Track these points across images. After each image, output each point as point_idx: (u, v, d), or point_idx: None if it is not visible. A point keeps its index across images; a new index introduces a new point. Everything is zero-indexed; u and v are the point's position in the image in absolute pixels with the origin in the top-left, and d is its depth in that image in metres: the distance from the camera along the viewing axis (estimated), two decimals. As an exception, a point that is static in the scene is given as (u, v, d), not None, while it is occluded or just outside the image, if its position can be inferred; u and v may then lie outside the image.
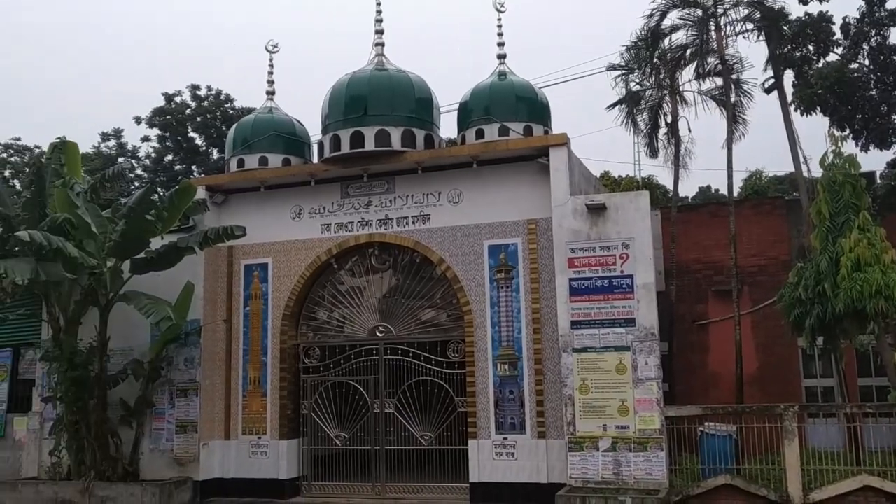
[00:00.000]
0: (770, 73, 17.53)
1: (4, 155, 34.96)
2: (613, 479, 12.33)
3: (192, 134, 33.41)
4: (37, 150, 33.63)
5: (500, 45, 15.80)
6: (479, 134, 14.87)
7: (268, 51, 17.20)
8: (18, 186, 28.82)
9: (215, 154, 32.72)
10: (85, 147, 30.82)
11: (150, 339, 15.25)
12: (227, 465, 15.32)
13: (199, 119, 33.18)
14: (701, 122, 25.94)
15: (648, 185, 25.00)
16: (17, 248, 13.86)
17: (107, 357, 14.87)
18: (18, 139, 35.84)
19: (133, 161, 33.26)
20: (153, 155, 33.68)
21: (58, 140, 16.64)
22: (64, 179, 14.48)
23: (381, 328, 15.23)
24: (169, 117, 32.89)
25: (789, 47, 17.28)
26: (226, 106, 33.42)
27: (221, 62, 65.16)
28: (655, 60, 18.44)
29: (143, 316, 13.95)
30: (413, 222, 14.94)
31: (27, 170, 31.89)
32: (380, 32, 15.89)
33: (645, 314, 12.70)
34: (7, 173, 32.38)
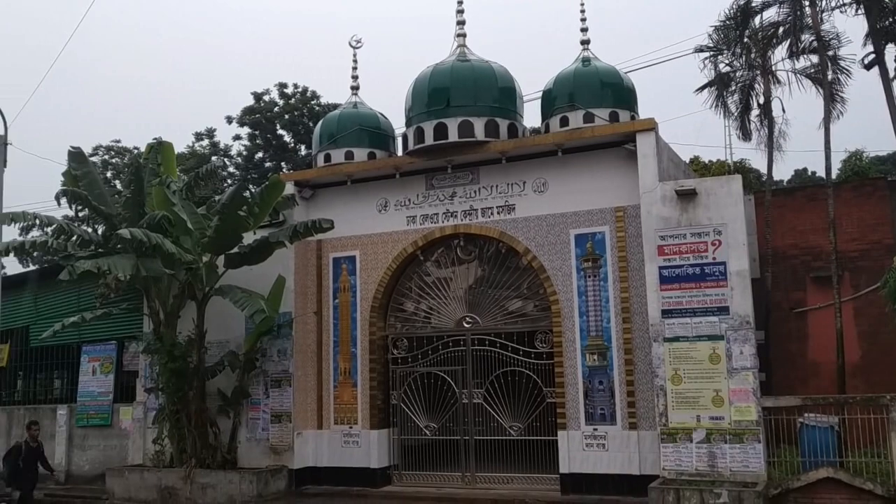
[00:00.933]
0: (870, 47, 16.68)
1: (106, 157, 36.58)
2: (708, 472, 12.03)
3: (280, 131, 34.21)
4: (135, 151, 35.06)
5: (584, 30, 15.59)
6: (564, 122, 14.70)
7: (351, 46, 17.43)
8: (119, 186, 30.09)
9: (303, 150, 33.41)
10: (180, 147, 32.00)
11: (245, 332, 15.72)
12: (320, 454, 15.67)
13: (286, 116, 33.92)
14: (796, 102, 24.93)
15: (740, 169, 24.18)
16: (119, 246, 14.45)
17: (204, 349, 15.38)
18: (118, 141, 37.51)
19: (225, 159, 34.31)
20: (244, 153, 34.63)
21: (154, 141, 17.30)
22: (161, 178, 15.04)
23: (468, 319, 15.26)
24: (258, 116, 33.75)
25: (891, 20, 16.39)
26: (312, 102, 34.05)
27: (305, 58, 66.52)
28: (746, 40, 17.80)
29: (238, 309, 14.35)
30: (498, 212, 14.90)
31: (127, 170, 33.37)
32: (461, 24, 15.88)
33: (739, 302, 12.32)
34: (109, 174, 33.86)
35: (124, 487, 15.54)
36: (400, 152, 16.29)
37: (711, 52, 18.29)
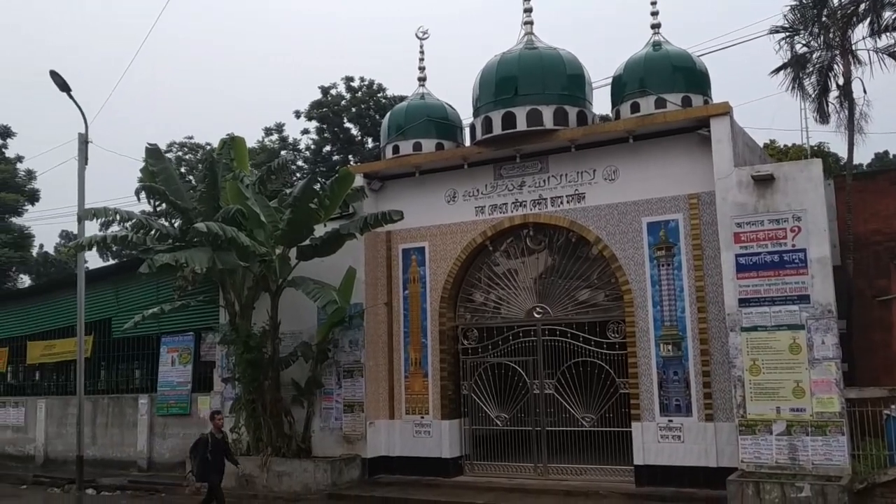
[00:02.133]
0: (959, 23, 15.93)
1: (180, 153, 37.56)
2: (789, 465, 11.71)
3: (347, 124, 34.54)
4: (207, 147, 35.93)
5: (654, 14, 15.23)
6: (635, 108, 14.42)
7: (418, 38, 17.42)
8: (192, 181, 30.85)
9: (370, 143, 33.68)
10: (249, 142, 32.61)
11: (317, 323, 15.96)
12: (392, 444, 15.80)
13: (353, 110, 34.23)
14: (878, 82, 23.94)
15: (818, 153, 23.46)
16: (195, 239, 14.80)
17: (278, 340, 15.66)
18: (191, 137, 38.49)
19: (294, 153, 34.83)
20: (312, 147, 35.09)
21: (227, 137, 17.66)
22: (234, 173, 15.35)
23: (538, 309, 15.17)
24: (325, 109, 34.14)
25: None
26: (378, 95, 34.29)
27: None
28: (824, 19, 17.20)
29: (311, 300, 14.57)
30: (568, 201, 14.74)
31: (200, 166, 34.22)
32: (528, 11, 15.72)
33: (820, 290, 11.93)
34: (182, 170, 34.74)
35: (203, 475, 15.92)
36: (468, 143, 16.25)
37: (787, 33, 17.77)
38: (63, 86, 17.66)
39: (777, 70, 18.13)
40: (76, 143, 18.10)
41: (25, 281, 39.35)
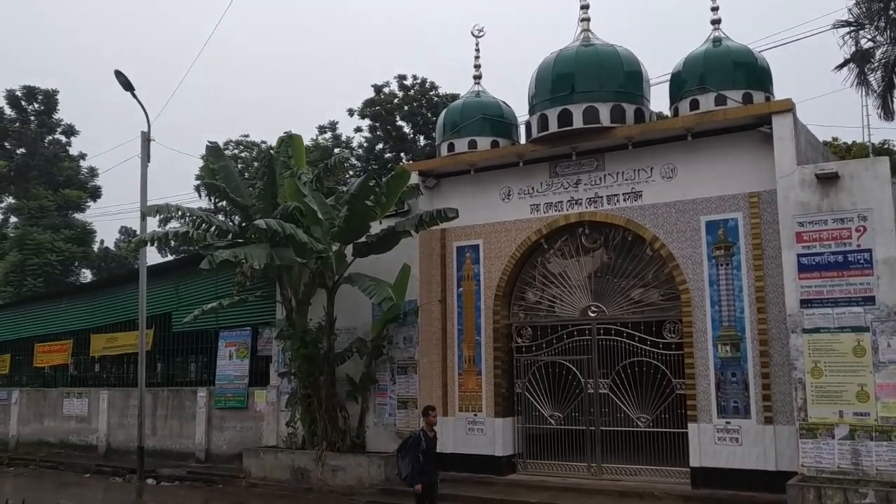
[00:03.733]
0: None
1: (235, 151, 38.21)
2: (852, 470, 11.44)
3: (399, 123, 34.72)
4: (263, 145, 36.49)
5: (714, 9, 14.99)
6: (694, 105, 14.21)
7: (473, 35, 17.41)
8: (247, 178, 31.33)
9: (422, 141, 33.81)
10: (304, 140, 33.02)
11: (372, 319, 16.10)
12: (445, 441, 15.70)
13: (406, 108, 34.39)
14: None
15: (883, 150, 22.83)
16: (254, 236, 15.06)
17: (334, 335, 15.85)
18: (247, 136, 39.12)
19: (348, 151, 35.18)
20: (365, 145, 35.37)
21: (285, 135, 17.92)
22: (292, 170, 15.55)
23: (592, 308, 15.07)
24: (378, 108, 34.37)
25: None
26: (431, 93, 34.40)
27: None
28: (891, 12, 16.76)
29: (367, 296, 14.68)
30: (624, 199, 14.62)
31: (256, 164, 34.80)
32: (585, 7, 15.60)
33: (887, 291, 11.62)
34: (239, 167, 35.36)
35: (260, 467, 16.25)
36: (523, 140, 16.21)
37: (852, 28, 17.37)
38: (127, 85, 18.13)
39: (841, 66, 17.77)
40: (138, 141, 18.60)
41: (87, 275, 40.45)
